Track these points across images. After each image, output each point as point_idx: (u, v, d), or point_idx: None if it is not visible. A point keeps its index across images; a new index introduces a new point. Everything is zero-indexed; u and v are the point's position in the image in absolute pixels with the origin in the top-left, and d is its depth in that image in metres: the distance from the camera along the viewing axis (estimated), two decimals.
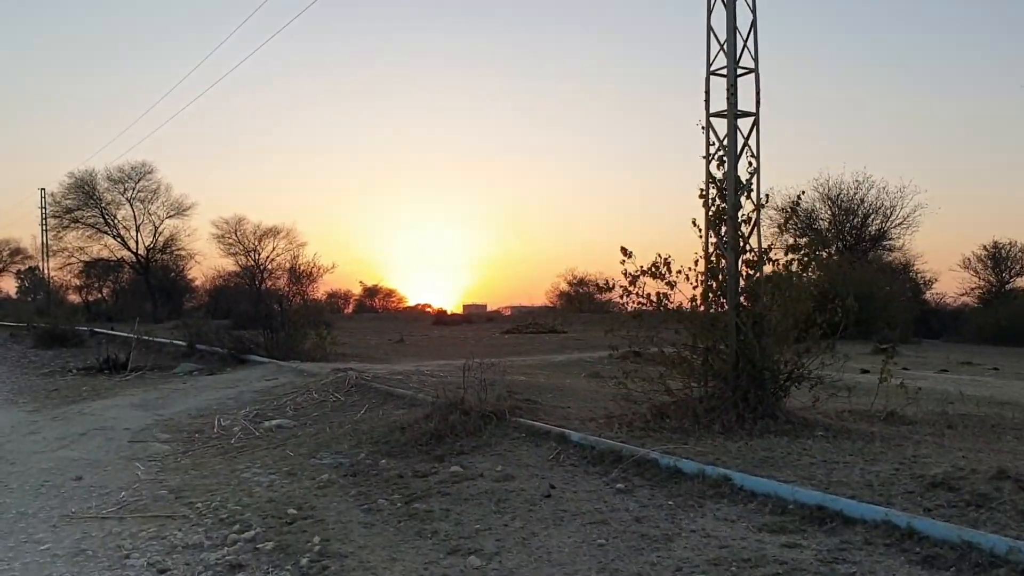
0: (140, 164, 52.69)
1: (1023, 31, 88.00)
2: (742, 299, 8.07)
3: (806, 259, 7.86)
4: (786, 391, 8.03)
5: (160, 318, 46.90)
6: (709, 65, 8.29)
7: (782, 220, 40.46)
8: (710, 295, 8.04)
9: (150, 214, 53.53)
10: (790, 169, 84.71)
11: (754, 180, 8.16)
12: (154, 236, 54.14)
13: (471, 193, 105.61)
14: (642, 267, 8.23)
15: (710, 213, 8.21)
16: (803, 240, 35.89)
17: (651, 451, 6.43)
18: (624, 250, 8.25)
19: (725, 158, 8.20)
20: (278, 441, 8.86)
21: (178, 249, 55.68)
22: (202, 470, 7.72)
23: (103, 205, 52.22)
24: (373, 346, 24.98)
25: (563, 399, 10.01)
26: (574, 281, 70.73)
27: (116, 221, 52.75)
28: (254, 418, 10.28)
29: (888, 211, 37.61)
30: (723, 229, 8.17)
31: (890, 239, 37.86)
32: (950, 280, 59.99)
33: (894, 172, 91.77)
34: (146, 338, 23.22)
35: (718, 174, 8.20)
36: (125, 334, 24.46)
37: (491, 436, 7.73)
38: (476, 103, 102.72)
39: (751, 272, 8.06)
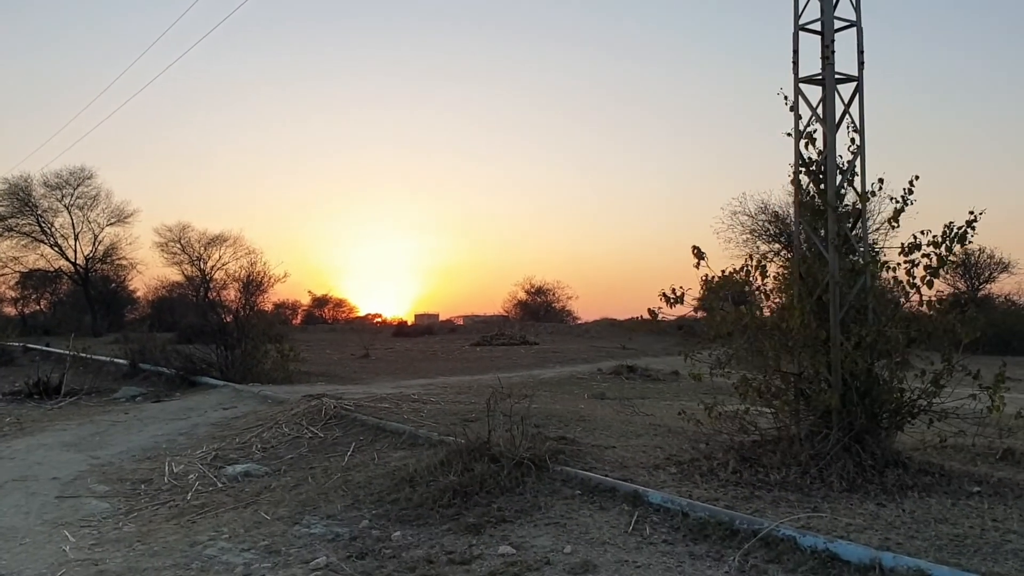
0: (79, 169, 49.60)
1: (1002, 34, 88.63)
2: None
3: (941, 257, 6.16)
4: (901, 427, 6.37)
5: (99, 331, 44.11)
6: (797, 17, 6.61)
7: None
8: (806, 307, 6.32)
9: (89, 221, 50.45)
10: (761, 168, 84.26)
11: (857, 162, 6.49)
12: (94, 245, 51.06)
13: (419, 201, 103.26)
14: (725, 272, 6.52)
15: (801, 203, 6.53)
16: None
17: (780, 525, 4.66)
18: (696, 251, 6.52)
19: (816, 135, 6.53)
20: (248, 496, 6.94)
21: (119, 258, 52.64)
22: (151, 543, 5.80)
23: (39, 212, 49.07)
24: (336, 362, 22.97)
25: (597, 433, 8.22)
26: (532, 290, 69.33)
27: (53, 229, 49.62)
28: (213, 461, 8.35)
29: (868, 214, 36.50)
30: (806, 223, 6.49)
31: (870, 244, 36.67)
32: None
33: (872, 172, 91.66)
34: (83, 355, 20.95)
35: (811, 154, 6.52)
36: (60, 351, 22.12)
37: (535, 493, 5.92)
38: (426, 110, 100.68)
39: (856, 277, 6.38)
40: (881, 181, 6.27)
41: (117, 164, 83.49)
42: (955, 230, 6.03)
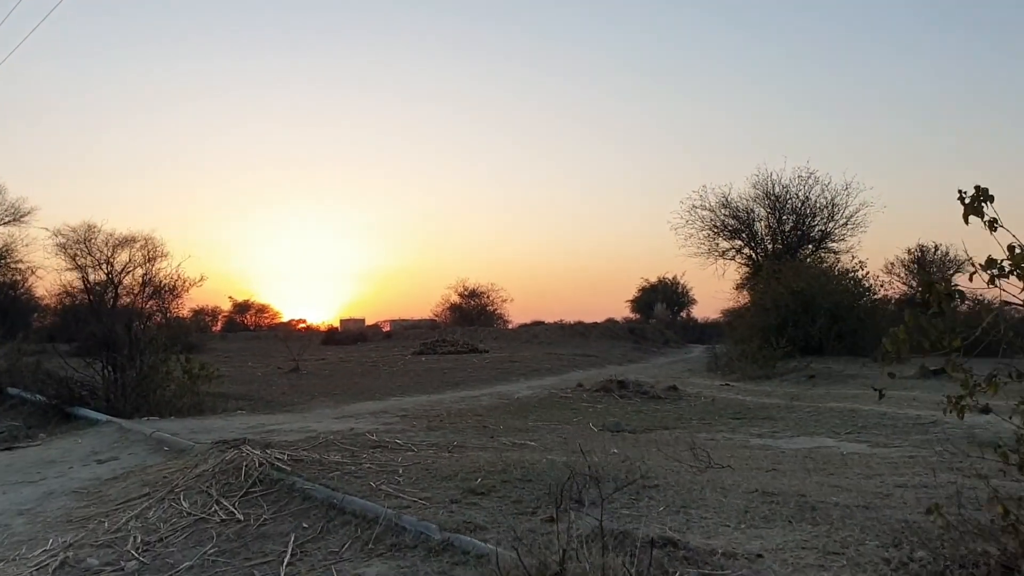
0: None
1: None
2: None
3: None
4: None
5: None
6: None
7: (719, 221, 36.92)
8: None
9: None
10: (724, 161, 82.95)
11: None
12: None
13: (341, 205, 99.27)
14: None
15: None
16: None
17: None
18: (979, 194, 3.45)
19: None
20: None
21: (14, 261, 47.64)
22: None
23: None
24: (261, 379, 19.38)
25: (693, 516, 5.07)
26: (466, 293, 66.74)
27: None
28: (59, 572, 4.97)
29: (832, 210, 34.32)
30: None
31: (834, 240, 34.67)
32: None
33: (837, 166, 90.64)
34: None
35: None
36: None
37: None
38: (345, 113, 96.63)
39: None
40: None
41: (12, 161, 77.34)
42: None
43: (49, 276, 61.29)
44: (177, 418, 10.70)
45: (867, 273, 26.08)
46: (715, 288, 68.42)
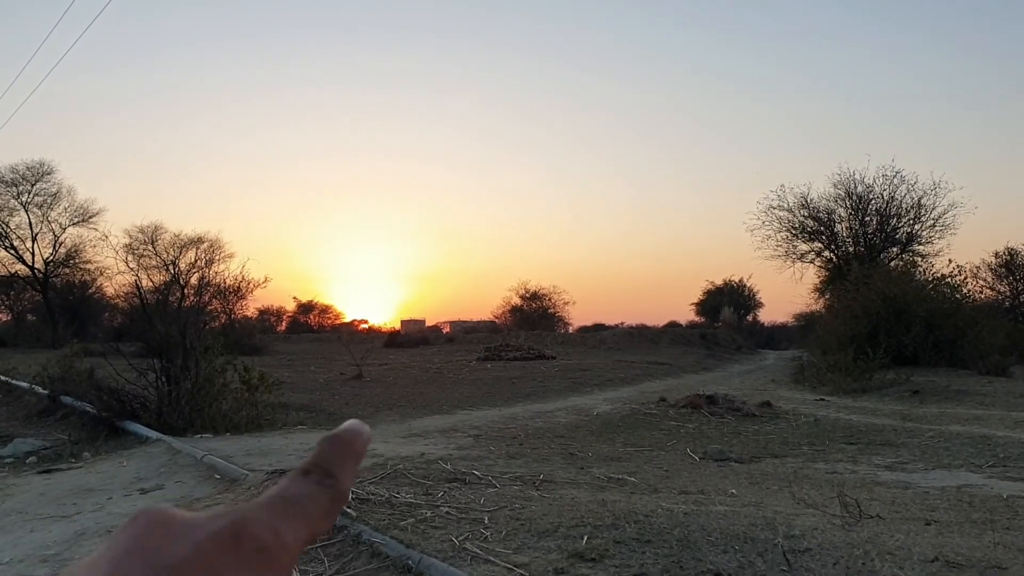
0: (37, 163, 45.11)
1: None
2: None
3: None
4: None
5: (60, 343, 39.58)
6: None
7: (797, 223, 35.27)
8: None
9: (49, 222, 45.90)
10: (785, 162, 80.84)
11: None
12: (54, 248, 46.49)
13: (401, 207, 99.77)
14: None
15: None
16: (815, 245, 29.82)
17: None
18: None
19: None
20: None
21: (83, 262, 48.03)
22: None
23: None
24: (323, 386, 18.54)
25: None
26: (527, 295, 65.97)
27: (9, 230, 44.99)
28: None
29: (919, 211, 32.40)
30: None
31: (920, 243, 32.74)
32: None
33: (924, 166, 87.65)
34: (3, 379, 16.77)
35: None
36: None
37: None
38: (412, 117, 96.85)
39: None
40: None
41: (85, 163, 78.78)
42: None
43: (115, 278, 61.90)
44: (233, 435, 9.83)
45: (965, 279, 24.34)
46: (784, 291, 66.43)
